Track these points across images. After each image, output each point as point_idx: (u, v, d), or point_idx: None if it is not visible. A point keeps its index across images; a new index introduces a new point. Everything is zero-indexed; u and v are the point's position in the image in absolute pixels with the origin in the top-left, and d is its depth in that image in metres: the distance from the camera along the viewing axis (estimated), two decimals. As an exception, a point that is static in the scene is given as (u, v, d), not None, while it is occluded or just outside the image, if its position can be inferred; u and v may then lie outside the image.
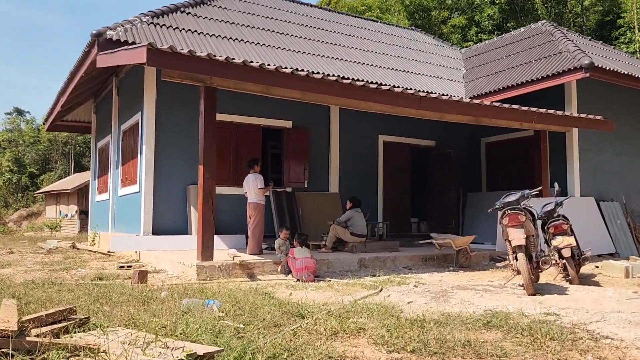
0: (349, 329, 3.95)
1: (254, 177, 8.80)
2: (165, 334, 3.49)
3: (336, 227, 9.38)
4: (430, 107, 8.65)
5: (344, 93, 7.79)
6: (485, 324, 4.22)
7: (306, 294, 5.81)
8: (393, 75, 12.50)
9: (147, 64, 6.21)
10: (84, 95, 13.59)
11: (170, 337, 3.15)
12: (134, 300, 4.78)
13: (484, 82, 12.88)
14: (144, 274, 6.70)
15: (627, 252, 11.02)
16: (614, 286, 6.98)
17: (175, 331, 3.54)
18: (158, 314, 4.18)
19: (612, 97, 12.02)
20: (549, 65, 11.16)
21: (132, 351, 2.69)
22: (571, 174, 11.29)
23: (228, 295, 5.20)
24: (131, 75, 11.24)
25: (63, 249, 12.78)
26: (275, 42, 11.73)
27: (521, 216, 5.72)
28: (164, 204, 9.99)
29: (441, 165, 13.35)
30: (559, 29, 13.36)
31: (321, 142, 11.86)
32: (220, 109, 10.43)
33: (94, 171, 15.21)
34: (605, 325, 4.32)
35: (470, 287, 6.30)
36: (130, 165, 11.12)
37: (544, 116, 9.79)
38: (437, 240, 8.97)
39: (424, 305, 5.15)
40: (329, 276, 7.57)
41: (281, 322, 4.11)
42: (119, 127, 12.21)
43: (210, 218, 7.44)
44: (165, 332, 3.54)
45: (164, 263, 8.39)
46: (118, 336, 2.99)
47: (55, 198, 35.00)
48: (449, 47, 17.28)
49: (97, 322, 3.57)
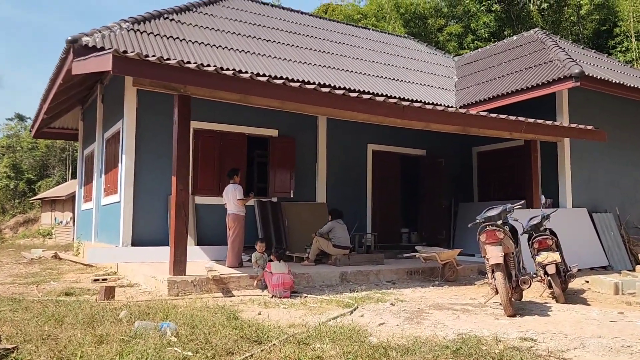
0: (306, 357, 3.68)
1: (234, 187, 8.55)
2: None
3: (319, 239, 9.12)
4: (414, 117, 8.41)
5: (323, 102, 7.55)
6: (454, 351, 3.95)
7: (275, 314, 5.55)
8: (383, 84, 12.27)
9: (112, 71, 5.98)
10: (70, 102, 13.37)
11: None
12: (85, 323, 4.51)
13: (475, 90, 12.65)
14: (110, 289, 6.43)
15: (621, 265, 10.74)
16: (601, 304, 6.70)
17: (115, 361, 3.28)
18: (104, 339, 3.92)
19: (606, 107, 11.77)
20: (539, 74, 10.92)
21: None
22: (563, 185, 11.03)
23: (190, 316, 4.93)
24: (114, 82, 11.03)
25: (45, 259, 12.53)
26: (262, 50, 11.51)
27: (499, 233, 5.45)
28: (144, 215, 9.73)
29: (432, 174, 13.10)
30: (550, 37, 13.14)
31: (308, 151, 11.61)
32: (203, 117, 10.30)
33: (81, 179, 14.98)
34: (583, 354, 4.05)
35: (449, 306, 6.02)
36: (112, 174, 10.89)
37: (533, 126, 9.54)
38: (422, 254, 8.70)
39: (396, 328, 4.88)
40: (308, 291, 7.31)
41: (234, 349, 3.85)
42: (103, 135, 11.99)
43: (183, 231, 7.18)
44: (104, 361, 3.28)
45: (139, 276, 8.12)
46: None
47: (50, 205, 34.79)
48: (441, 55, 17.07)
49: (21, 355, 3.31)
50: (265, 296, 6.88)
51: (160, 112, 9.77)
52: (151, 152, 9.85)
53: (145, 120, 9.85)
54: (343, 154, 12.01)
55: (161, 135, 9.86)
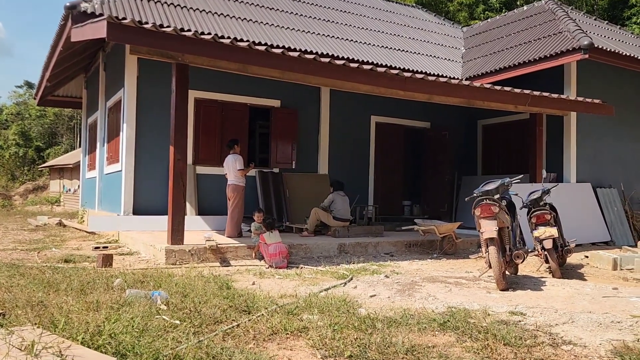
0: (292, 328, 3.71)
1: (234, 158, 8.53)
2: (92, 332, 3.27)
3: (318, 210, 9.13)
4: (417, 88, 8.28)
5: (323, 72, 7.44)
6: (441, 324, 3.96)
7: (269, 284, 5.59)
8: (387, 54, 12.06)
9: (107, 38, 5.91)
10: (73, 69, 13.30)
11: (77, 341, 2.92)
12: (78, 290, 4.56)
13: (482, 62, 12.41)
14: (108, 257, 6.50)
15: (623, 241, 10.69)
16: (597, 279, 6.69)
17: (102, 329, 3.32)
18: (94, 307, 3.96)
19: (615, 80, 11.52)
20: (547, 45, 10.66)
21: (17, 358, 2.47)
22: (567, 160, 10.89)
23: (183, 285, 4.97)
24: (115, 50, 10.94)
25: (49, 226, 12.68)
26: (264, 19, 11.31)
27: (494, 207, 5.40)
28: (145, 184, 9.77)
29: (435, 147, 12.98)
30: (562, 7, 12.78)
31: (311, 122, 11.52)
32: (204, 87, 10.21)
33: (85, 148, 15.03)
34: (572, 328, 4.05)
35: (443, 279, 6.03)
36: (114, 143, 10.90)
37: (539, 99, 9.36)
38: (421, 227, 8.68)
39: (386, 300, 4.90)
40: (305, 262, 7.35)
41: (222, 319, 3.88)
42: (105, 103, 11.96)
43: (181, 200, 7.21)
44: (91, 329, 3.31)
45: (139, 245, 8.20)
46: (18, 337, 2.77)
47: (58, 172, 35.08)
48: (450, 26, 16.70)
49: (7, 321, 3.35)
50: (262, 266, 6.94)
51: (162, 81, 9.67)
52: (152, 121, 9.81)
53: (146, 89, 9.79)
54: (346, 125, 11.91)
55: (163, 104, 9.78)
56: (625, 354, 3.42)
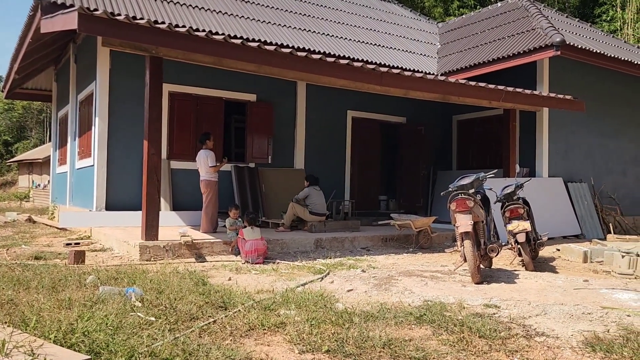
0: (269, 323, 3.69)
1: (205, 154, 8.44)
2: (64, 330, 3.19)
3: (295, 205, 9.10)
4: (393, 83, 8.30)
5: (299, 66, 7.40)
6: (417, 318, 3.99)
7: (245, 280, 5.55)
8: (364, 49, 12.07)
9: (78, 30, 5.75)
10: (42, 61, 12.96)
11: (49, 339, 2.85)
12: (49, 287, 4.45)
13: (457, 58, 12.53)
14: (80, 254, 6.36)
15: (593, 234, 10.95)
16: (569, 272, 6.84)
17: (75, 327, 3.24)
18: (66, 304, 3.87)
19: (586, 77, 11.76)
20: (521, 42, 10.82)
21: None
22: (540, 155, 11.10)
23: (157, 281, 4.90)
24: (87, 42, 10.68)
25: (19, 223, 12.36)
26: (240, 11, 11.19)
27: (469, 201, 5.47)
28: (118, 179, 9.59)
29: (411, 142, 13.07)
30: (535, 4, 12.97)
31: (287, 116, 11.47)
32: (179, 80, 10.06)
33: (55, 142, 14.68)
34: (544, 320, 4.13)
35: (419, 273, 6.08)
36: (86, 137, 10.67)
37: (512, 95, 9.50)
38: (397, 221, 8.74)
39: (363, 295, 4.92)
40: (282, 257, 7.32)
41: (198, 315, 3.84)
42: (76, 96, 11.69)
43: (155, 195, 7.10)
44: (64, 327, 3.23)
45: (112, 241, 8.05)
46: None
47: (28, 167, 34.25)
48: (426, 22, 16.81)
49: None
50: (238, 262, 6.89)
51: (135, 74, 9.50)
52: (125, 115, 9.63)
53: (119, 82, 9.60)
54: (322, 120, 11.89)
55: (136, 97, 9.60)
56: (596, 344, 3.50)
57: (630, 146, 12.89)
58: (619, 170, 12.61)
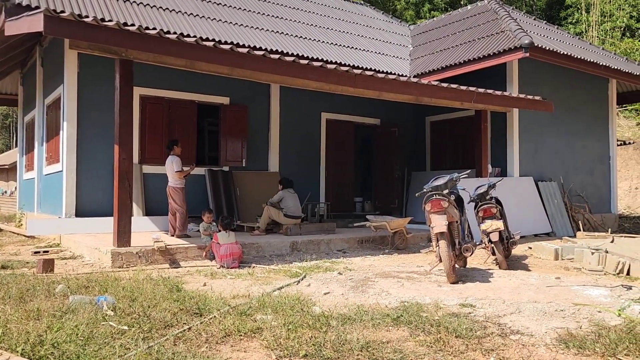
0: (245, 329, 3.64)
1: (171, 159, 8.35)
2: (33, 342, 3.08)
3: (270, 208, 9.04)
4: (366, 85, 8.32)
5: (272, 69, 7.35)
6: (395, 319, 3.99)
7: (220, 285, 5.48)
8: (337, 51, 12.09)
9: (45, 32, 5.60)
10: (7, 65, 12.59)
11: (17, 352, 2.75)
12: (17, 298, 4.31)
13: (429, 60, 12.65)
14: (49, 262, 6.19)
15: (563, 232, 11.17)
16: (541, 269, 6.96)
17: (44, 339, 3.14)
18: (35, 315, 3.75)
19: (554, 78, 12.02)
20: (491, 44, 10.99)
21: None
22: (511, 155, 11.28)
23: (130, 289, 4.79)
24: (53, 44, 10.43)
25: (-16, 231, 11.97)
26: (212, 14, 11.08)
27: (443, 202, 5.51)
28: (88, 184, 9.37)
29: (385, 143, 13.15)
30: (503, 7, 13.21)
31: (261, 119, 11.40)
32: (150, 83, 9.90)
33: (22, 147, 14.28)
34: (519, 318, 4.18)
35: (395, 275, 6.10)
36: (53, 142, 10.40)
37: (483, 96, 9.64)
38: (372, 223, 8.76)
39: (340, 297, 4.90)
40: (257, 261, 7.26)
41: (173, 322, 3.76)
42: (43, 100, 11.39)
43: (127, 201, 6.97)
44: (32, 339, 3.12)
45: (82, 248, 7.86)
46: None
47: (-7, 174, 33.24)
48: (398, 24, 16.95)
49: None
50: (213, 267, 6.80)
51: (104, 77, 9.32)
52: (95, 119, 9.43)
53: (87, 85, 9.40)
54: (296, 122, 11.86)
55: (105, 101, 9.41)
56: (569, 340, 3.56)
57: (597, 145, 13.22)
58: (587, 169, 12.92)
